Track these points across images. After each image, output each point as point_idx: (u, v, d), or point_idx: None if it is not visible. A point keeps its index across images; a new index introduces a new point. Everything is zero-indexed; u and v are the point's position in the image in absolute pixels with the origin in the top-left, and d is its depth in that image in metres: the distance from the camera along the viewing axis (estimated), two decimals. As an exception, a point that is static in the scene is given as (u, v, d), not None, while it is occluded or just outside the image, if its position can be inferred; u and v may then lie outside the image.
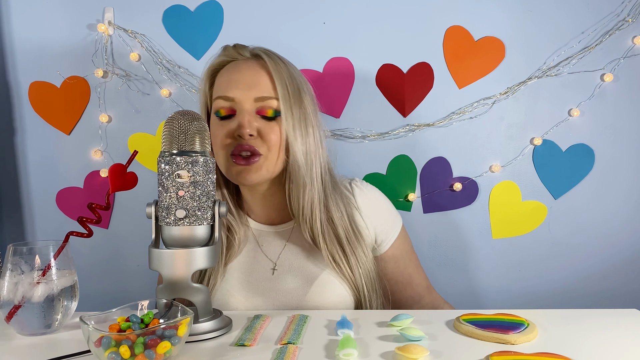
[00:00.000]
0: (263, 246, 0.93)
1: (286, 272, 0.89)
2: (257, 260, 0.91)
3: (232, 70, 0.89)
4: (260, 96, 0.86)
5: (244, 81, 0.86)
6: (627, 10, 1.21)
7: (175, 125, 0.68)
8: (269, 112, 0.86)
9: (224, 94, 0.87)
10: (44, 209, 1.33)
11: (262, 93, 0.86)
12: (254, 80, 0.86)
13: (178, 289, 0.68)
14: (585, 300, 1.28)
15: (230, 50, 0.92)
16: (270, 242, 0.94)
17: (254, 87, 0.86)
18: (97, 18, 1.27)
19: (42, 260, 0.72)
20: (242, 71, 0.88)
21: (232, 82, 0.87)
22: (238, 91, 0.86)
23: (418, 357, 0.59)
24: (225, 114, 0.87)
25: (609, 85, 1.23)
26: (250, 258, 0.92)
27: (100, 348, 0.57)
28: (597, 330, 0.70)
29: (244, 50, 0.92)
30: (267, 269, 0.90)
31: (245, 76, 0.87)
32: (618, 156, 1.25)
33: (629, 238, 1.27)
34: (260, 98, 0.86)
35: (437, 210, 1.28)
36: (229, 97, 0.86)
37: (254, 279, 0.89)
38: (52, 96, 1.29)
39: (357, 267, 0.89)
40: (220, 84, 0.89)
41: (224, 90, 0.87)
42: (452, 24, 1.25)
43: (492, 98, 1.25)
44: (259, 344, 0.66)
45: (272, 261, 0.91)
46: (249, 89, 0.86)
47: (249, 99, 0.86)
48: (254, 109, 0.86)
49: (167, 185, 0.67)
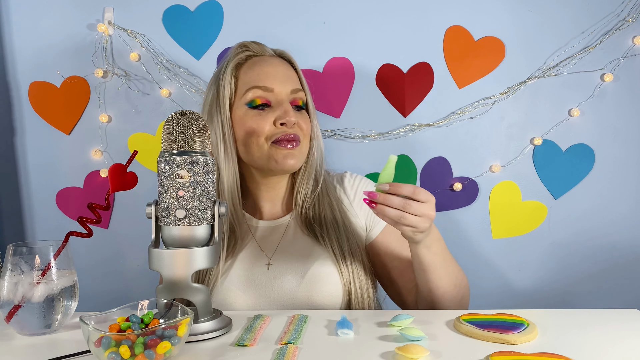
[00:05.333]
0: (260, 241, 0.94)
1: (281, 267, 0.90)
2: (254, 256, 0.92)
3: (264, 64, 0.93)
4: (295, 88, 0.93)
5: (281, 74, 0.92)
6: (627, 10, 1.21)
7: (175, 125, 0.68)
8: (300, 102, 0.94)
9: (262, 84, 0.91)
10: (44, 209, 1.33)
11: (296, 85, 0.94)
12: (287, 74, 0.93)
13: (178, 289, 0.68)
14: (585, 300, 1.28)
15: (254, 46, 0.96)
16: (267, 238, 0.95)
17: (289, 79, 0.93)
18: (97, 18, 1.27)
19: (42, 260, 0.72)
20: (275, 65, 0.93)
21: (269, 74, 0.91)
22: (277, 82, 0.91)
23: (418, 357, 0.59)
24: (261, 102, 0.91)
25: (609, 85, 1.23)
26: (249, 254, 0.92)
27: (100, 348, 0.57)
28: (597, 330, 0.70)
29: (265, 48, 0.97)
30: (263, 264, 0.91)
31: (280, 70, 0.93)
32: (618, 156, 1.25)
33: (629, 238, 1.27)
34: (295, 90, 0.93)
35: (437, 210, 1.27)
36: (267, 87, 0.90)
37: (252, 274, 0.90)
38: (52, 96, 1.29)
39: (350, 259, 0.90)
40: (253, 75, 0.92)
41: (262, 81, 0.91)
42: (452, 23, 1.25)
43: (492, 98, 1.25)
44: (259, 344, 0.66)
45: (268, 256, 0.92)
46: (285, 81, 0.92)
47: (286, 90, 0.92)
48: (289, 100, 0.92)
49: (167, 185, 0.67)
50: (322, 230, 0.92)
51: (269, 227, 0.96)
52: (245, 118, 0.91)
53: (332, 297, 0.87)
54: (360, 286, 0.89)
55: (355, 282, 0.89)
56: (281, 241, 0.94)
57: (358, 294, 0.89)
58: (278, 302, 0.87)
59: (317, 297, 0.87)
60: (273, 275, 0.89)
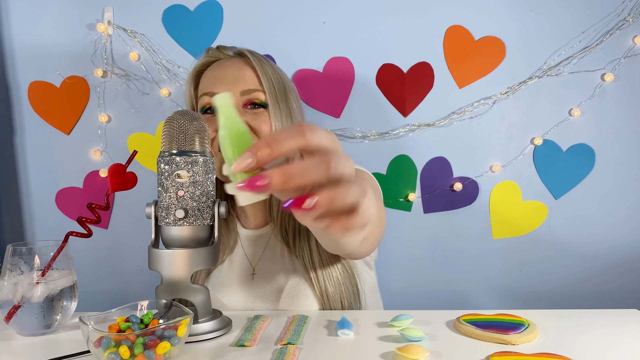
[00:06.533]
0: (247, 251, 0.94)
1: (263, 278, 0.89)
2: (241, 265, 0.92)
3: (216, 68, 0.90)
4: (246, 89, 0.86)
5: (229, 76, 0.87)
6: (628, 10, 1.21)
7: (174, 125, 0.68)
8: (256, 100, 0.86)
9: (209, 91, 0.87)
10: (43, 209, 1.33)
11: (248, 86, 0.86)
12: (238, 75, 0.87)
13: (178, 289, 0.68)
14: (585, 300, 1.28)
15: (213, 50, 0.93)
16: (251, 247, 0.94)
17: (238, 81, 0.86)
18: (97, 18, 1.27)
19: (41, 260, 0.72)
20: (225, 68, 0.88)
21: (216, 79, 0.88)
22: (222, 86, 0.86)
23: (418, 358, 0.59)
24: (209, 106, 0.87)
25: (609, 85, 1.23)
26: (236, 262, 0.92)
27: (100, 348, 0.56)
28: (597, 330, 0.70)
29: (227, 50, 0.93)
30: (249, 274, 0.91)
31: (229, 72, 0.88)
32: (618, 156, 1.25)
33: (629, 238, 1.27)
34: (246, 91, 0.86)
35: (437, 210, 1.28)
36: (214, 92, 0.87)
37: (237, 283, 0.90)
38: (52, 96, 1.29)
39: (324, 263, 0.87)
40: (204, 82, 0.90)
41: (209, 87, 0.88)
42: (452, 23, 1.24)
43: (492, 98, 1.25)
44: (258, 345, 0.66)
45: (252, 266, 0.92)
46: (234, 84, 0.86)
47: (234, 94, 0.86)
48: (240, 103, 0.87)
49: (167, 185, 0.67)
50: (295, 240, 0.89)
51: (253, 236, 0.95)
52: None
53: (310, 308, 0.86)
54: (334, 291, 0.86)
55: (329, 287, 0.86)
56: (264, 251, 0.93)
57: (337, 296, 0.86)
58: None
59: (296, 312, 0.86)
60: (256, 286, 0.89)
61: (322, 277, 0.86)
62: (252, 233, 0.95)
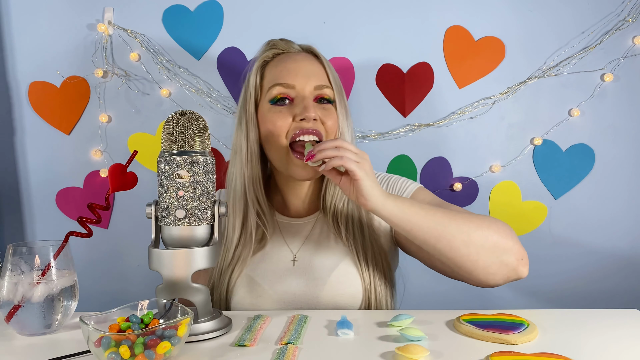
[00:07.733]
0: (287, 239, 0.95)
1: (306, 265, 0.91)
2: (280, 252, 0.93)
3: (288, 60, 0.93)
4: (319, 84, 0.91)
5: (303, 70, 0.91)
6: (628, 10, 1.21)
7: (175, 125, 0.68)
8: (326, 96, 0.91)
9: (284, 81, 0.90)
10: (43, 209, 1.33)
11: (320, 81, 0.91)
12: (312, 70, 0.92)
13: (178, 289, 0.68)
14: (585, 300, 1.28)
15: (280, 43, 0.96)
16: (294, 235, 0.96)
17: (313, 75, 0.91)
18: (97, 18, 1.27)
19: (41, 260, 0.72)
20: (299, 61, 0.92)
21: (291, 71, 0.90)
22: (299, 78, 0.90)
23: (418, 357, 0.59)
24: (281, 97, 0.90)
25: (609, 85, 1.23)
26: (275, 250, 0.94)
27: (100, 348, 0.57)
28: (597, 330, 0.70)
29: (292, 44, 0.97)
30: (288, 261, 0.91)
31: (303, 66, 0.92)
32: (618, 156, 1.25)
33: (629, 238, 1.27)
34: (319, 86, 0.91)
35: (437, 210, 1.28)
36: (289, 84, 0.89)
37: (277, 269, 0.91)
38: (52, 96, 1.29)
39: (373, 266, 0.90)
40: (275, 73, 0.92)
41: (284, 78, 0.90)
42: (452, 23, 1.25)
43: (492, 98, 1.25)
44: (258, 344, 0.66)
45: (293, 253, 0.93)
46: (308, 77, 0.90)
47: (309, 87, 0.90)
48: (312, 96, 0.90)
49: (167, 185, 0.67)
50: (348, 232, 0.92)
51: (295, 224, 0.97)
52: (268, 115, 0.90)
53: (354, 299, 0.88)
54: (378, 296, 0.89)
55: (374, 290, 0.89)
56: (307, 239, 0.94)
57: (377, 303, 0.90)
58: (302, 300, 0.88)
59: (340, 298, 0.88)
60: (298, 272, 0.90)
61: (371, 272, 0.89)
62: (294, 221, 0.97)
